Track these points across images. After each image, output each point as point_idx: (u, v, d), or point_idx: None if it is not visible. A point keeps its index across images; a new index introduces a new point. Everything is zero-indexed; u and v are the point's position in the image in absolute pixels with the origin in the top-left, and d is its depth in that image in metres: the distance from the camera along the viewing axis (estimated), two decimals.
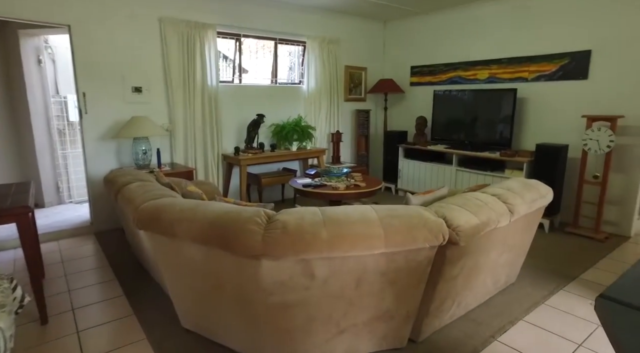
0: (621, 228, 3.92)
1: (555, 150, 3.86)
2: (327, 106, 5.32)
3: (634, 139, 3.72)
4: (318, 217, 1.70)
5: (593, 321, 2.38)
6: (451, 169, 4.74)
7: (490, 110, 4.46)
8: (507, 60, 4.47)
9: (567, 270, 3.08)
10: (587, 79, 3.91)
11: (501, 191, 2.25)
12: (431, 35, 5.28)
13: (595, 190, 3.92)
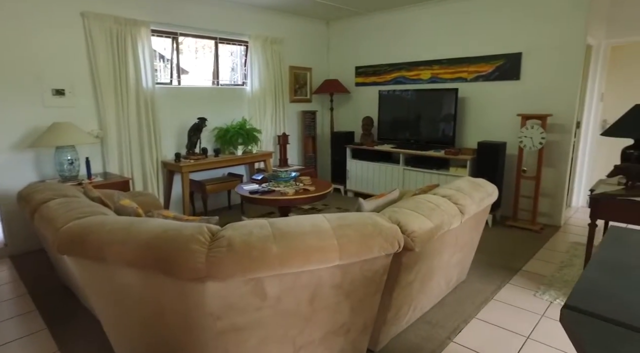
0: (553, 219, 4.18)
1: (494, 148, 4.03)
2: (272, 108, 5.17)
3: (561, 135, 3.97)
4: (267, 230, 1.57)
5: (536, 312, 2.47)
6: (399, 169, 4.80)
7: (434, 109, 4.57)
8: (447, 61, 4.61)
9: (511, 263, 3.20)
10: (520, 80, 4.12)
11: (451, 192, 2.26)
12: (375, 35, 5.32)
13: (531, 184, 4.15)
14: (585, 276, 1.07)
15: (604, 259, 1.19)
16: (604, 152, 4.74)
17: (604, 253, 1.23)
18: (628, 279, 1.06)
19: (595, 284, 1.02)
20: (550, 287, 2.76)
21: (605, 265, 1.15)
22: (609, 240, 1.34)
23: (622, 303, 0.94)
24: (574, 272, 3.01)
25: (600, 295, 0.97)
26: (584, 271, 1.11)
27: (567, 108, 3.89)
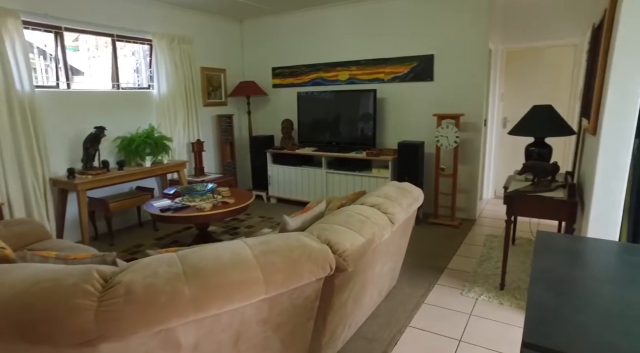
0: (469, 213, 4.41)
1: (414, 147, 4.12)
2: (184, 113, 4.73)
3: (472, 134, 4.19)
4: (177, 267, 1.31)
5: (465, 311, 2.51)
6: (321, 172, 4.70)
7: (354, 110, 4.55)
8: (365, 62, 4.62)
9: (436, 262, 3.26)
10: (433, 81, 4.26)
11: (380, 200, 2.17)
12: (291, 35, 5.16)
13: (448, 181, 4.32)
14: (532, 299, 1.00)
15: (542, 273, 1.14)
16: (506, 147, 5.13)
17: (541, 266, 1.19)
18: (575, 296, 1.02)
19: (545, 308, 0.95)
20: (474, 284, 2.84)
21: (547, 281, 1.09)
22: (540, 250, 1.31)
23: (579, 330, 0.87)
24: (493, 265, 3.15)
25: (555, 322, 0.90)
26: (529, 292, 1.04)
27: (476, 108, 4.11)
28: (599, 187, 2.05)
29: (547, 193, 2.53)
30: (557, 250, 1.31)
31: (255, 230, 4.10)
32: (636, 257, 1.25)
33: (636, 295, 1.01)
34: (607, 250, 1.32)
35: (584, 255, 1.29)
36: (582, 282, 1.09)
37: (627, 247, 1.34)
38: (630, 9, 1.85)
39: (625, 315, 0.92)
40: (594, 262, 1.23)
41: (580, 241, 1.40)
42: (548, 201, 2.45)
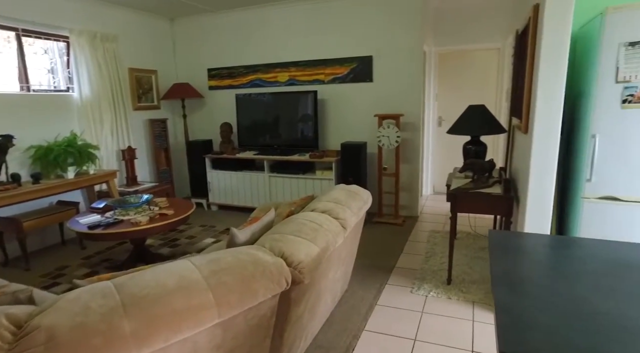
0: (412, 211, 4.54)
1: (356, 148, 4.14)
2: (111, 118, 4.33)
3: (412, 133, 4.32)
4: (113, 299, 1.13)
5: (417, 309, 2.54)
6: (264, 176, 4.57)
7: (295, 112, 4.48)
8: (304, 63, 4.56)
9: (385, 262, 3.29)
10: (373, 82, 4.32)
11: (330, 205, 2.12)
12: (227, 35, 4.95)
13: (391, 180, 4.40)
14: (499, 305, 0.99)
15: (502, 275, 1.15)
16: (441, 144, 5.37)
17: (500, 267, 1.20)
18: (536, 297, 1.03)
19: (512, 314, 0.95)
20: (423, 281, 2.90)
21: (508, 283, 1.10)
22: (495, 249, 1.33)
23: (548, 333, 0.87)
24: (438, 261, 3.24)
25: (524, 327, 0.89)
26: (495, 297, 1.03)
27: (414, 107, 4.23)
28: (533, 182, 2.17)
29: (486, 190, 2.65)
30: (510, 249, 1.34)
31: (197, 241, 3.87)
32: (576, 250, 1.31)
33: (584, 290, 1.05)
34: (551, 245, 1.37)
35: (533, 251, 1.33)
36: (539, 281, 1.11)
37: (567, 241, 1.41)
38: (551, 22, 1.97)
39: (582, 312, 0.94)
40: (543, 259, 1.27)
41: (527, 238, 1.45)
42: (488, 197, 2.56)
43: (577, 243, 1.39)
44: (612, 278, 1.11)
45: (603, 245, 1.34)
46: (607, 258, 1.24)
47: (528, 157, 2.22)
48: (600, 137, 2.09)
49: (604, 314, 0.93)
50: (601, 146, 2.10)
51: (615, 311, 0.94)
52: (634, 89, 2.00)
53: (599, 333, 0.86)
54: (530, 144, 2.18)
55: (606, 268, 1.17)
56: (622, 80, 2.01)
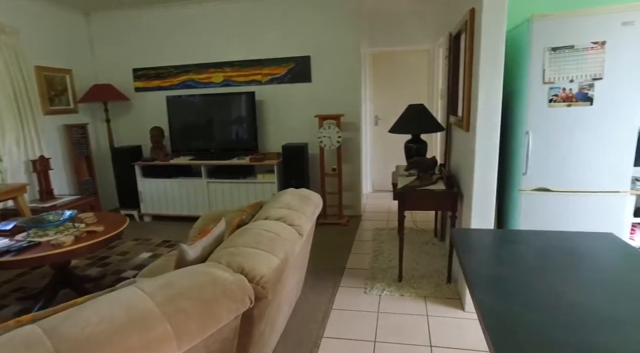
0: (355, 210, 4.58)
1: (298, 150, 4.07)
2: (15, 124, 3.78)
3: (353, 133, 4.35)
4: (43, 348, 0.94)
5: (373, 310, 2.54)
6: (202, 182, 4.31)
7: (232, 114, 4.28)
8: (240, 63, 4.37)
9: (335, 264, 3.26)
10: (312, 82, 4.28)
11: (284, 212, 2.02)
12: (154, 32, 4.58)
13: (334, 181, 4.40)
14: (482, 307, 0.97)
15: (477, 275, 1.15)
16: (379, 143, 5.50)
17: (472, 267, 1.20)
18: (514, 294, 1.03)
19: (500, 316, 0.93)
20: (375, 280, 2.92)
21: (485, 283, 1.10)
22: (462, 248, 1.34)
23: (537, 331, 0.87)
24: (387, 258, 3.29)
25: (514, 328, 0.88)
26: (477, 299, 1.02)
27: (354, 107, 4.27)
28: (478, 177, 2.27)
29: (432, 187, 2.73)
30: (476, 246, 1.35)
31: (131, 257, 3.52)
32: (537, 242, 1.37)
33: (555, 282, 1.08)
34: (513, 240, 1.42)
35: (498, 247, 1.35)
36: (512, 278, 1.12)
37: (526, 234, 1.46)
38: (489, 25, 2.07)
39: (561, 306, 0.96)
40: (509, 254, 1.30)
41: (488, 234, 1.49)
42: (434, 194, 2.64)
43: (537, 236, 1.45)
44: (576, 269, 1.16)
45: (559, 236, 1.42)
46: (565, 249, 1.30)
47: (472, 153, 2.31)
48: (533, 133, 2.24)
49: (581, 305, 0.96)
50: (533, 142, 2.25)
51: (589, 301, 0.97)
52: (558, 89, 2.17)
53: (583, 326, 0.88)
54: (473, 141, 2.27)
55: (568, 259, 1.22)
56: (548, 82, 2.18)
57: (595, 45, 2.09)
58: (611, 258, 1.23)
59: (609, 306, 0.96)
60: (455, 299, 2.62)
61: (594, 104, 2.14)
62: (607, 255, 1.25)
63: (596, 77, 2.11)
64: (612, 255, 1.26)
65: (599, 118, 2.16)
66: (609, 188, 2.23)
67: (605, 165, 2.21)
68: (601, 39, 2.09)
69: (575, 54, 2.11)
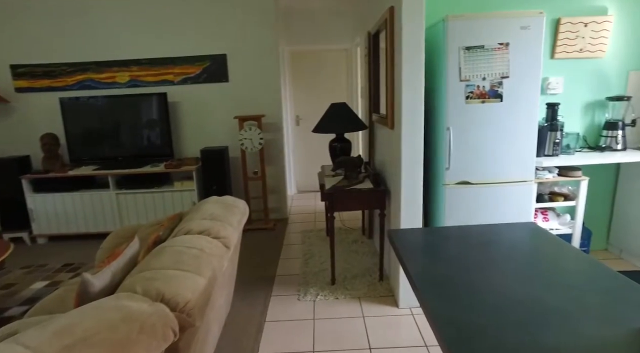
0: (281, 213, 4.45)
1: (218, 153, 3.82)
2: None
3: (275, 134, 4.21)
4: None
5: (308, 317, 2.44)
6: (110, 194, 3.84)
7: (141, 118, 3.88)
8: (148, 62, 3.97)
9: (264, 272, 3.11)
10: (229, 82, 4.05)
11: (207, 224, 1.82)
12: (39, 23, 3.95)
13: (258, 184, 4.22)
14: (435, 315, 0.92)
15: (422, 279, 1.10)
16: (301, 142, 5.44)
17: (416, 269, 1.15)
18: (461, 296, 1.00)
19: (452, 322, 0.88)
20: (307, 285, 2.82)
21: (432, 287, 1.05)
22: (403, 251, 1.29)
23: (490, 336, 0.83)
24: (318, 261, 3.22)
25: (473, 335, 0.83)
26: (428, 306, 0.96)
27: (275, 107, 4.13)
28: (405, 174, 2.29)
29: (360, 186, 2.71)
30: (415, 248, 1.32)
31: (19, 289, 2.98)
32: (470, 237, 1.38)
33: (497, 278, 1.08)
34: (445, 236, 1.41)
35: (436, 246, 1.33)
36: (456, 278, 1.10)
37: (461, 230, 1.47)
38: (408, 23, 2.09)
39: (507, 305, 0.95)
40: (448, 252, 1.28)
41: (423, 232, 1.47)
42: (363, 193, 2.62)
43: (469, 230, 1.46)
44: (511, 262, 1.17)
45: (488, 229, 1.44)
46: (497, 242, 1.32)
47: (398, 151, 2.33)
48: (453, 129, 2.33)
49: (526, 300, 0.95)
50: (454, 137, 2.34)
51: (533, 295, 0.97)
52: (473, 87, 2.28)
53: (533, 323, 0.86)
54: (399, 139, 2.29)
55: (501, 252, 1.24)
56: (464, 79, 2.27)
57: (501, 46, 2.23)
58: (539, 248, 1.27)
59: (551, 298, 0.96)
60: (389, 296, 2.63)
61: (503, 101, 2.29)
62: (536, 245, 1.29)
63: (504, 75, 2.26)
64: (539, 244, 1.30)
65: (508, 113, 2.32)
66: (519, 178, 2.41)
67: (515, 157, 2.38)
68: (505, 41, 2.24)
69: (485, 54, 2.23)
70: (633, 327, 0.84)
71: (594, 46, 2.86)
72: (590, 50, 2.87)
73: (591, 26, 2.83)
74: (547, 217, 2.86)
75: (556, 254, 1.22)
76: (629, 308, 0.91)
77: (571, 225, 2.80)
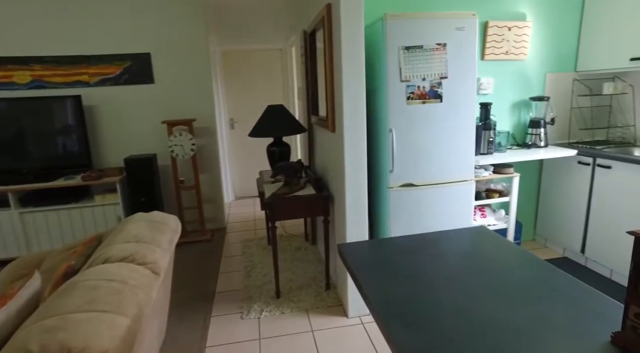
0: (219, 222, 4.18)
1: (145, 162, 3.47)
2: None
3: (208, 139, 3.93)
4: None
5: (253, 337, 2.26)
6: (11, 214, 3.30)
7: (52, 124, 3.39)
8: (52, 60, 3.47)
9: (202, 289, 2.85)
10: (155, 83, 3.69)
11: (131, 248, 1.57)
12: None
13: (192, 193, 3.92)
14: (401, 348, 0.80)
15: (384, 302, 0.99)
16: (237, 147, 5.18)
17: (375, 289, 1.03)
18: (435, 321, 0.90)
19: None
20: (251, 301, 2.63)
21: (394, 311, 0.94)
22: (357, 268, 1.17)
23: None
24: (260, 273, 3.03)
25: None
26: (392, 340, 0.84)
27: (207, 111, 3.86)
28: (349, 178, 2.20)
29: (301, 192, 2.57)
30: (371, 264, 1.21)
31: None
32: (425, 247, 1.30)
33: (461, 296, 1.00)
34: (401, 250, 1.32)
35: (393, 261, 1.23)
36: (420, 300, 1.00)
37: (410, 240, 1.39)
38: (348, 21, 2.00)
39: (478, 328, 0.86)
40: (406, 268, 1.18)
41: (376, 245, 1.37)
42: (306, 199, 2.49)
43: (423, 240, 1.38)
44: (472, 276, 1.10)
45: (439, 237, 1.38)
46: (451, 251, 1.25)
47: (341, 155, 2.23)
48: (396, 130, 2.28)
49: (495, 321, 0.87)
50: (397, 139, 2.29)
51: (501, 315, 0.90)
52: (413, 87, 2.25)
53: (508, 347, 0.78)
54: (341, 142, 2.18)
55: (459, 264, 1.17)
56: (405, 80, 2.24)
57: (439, 46, 2.23)
58: (495, 256, 1.22)
59: (519, 315, 0.90)
60: (337, 306, 2.53)
61: (443, 101, 2.29)
62: (490, 253, 1.25)
63: (443, 75, 2.26)
64: (495, 251, 1.26)
65: (448, 114, 2.32)
66: (460, 177, 2.43)
67: (456, 156, 2.39)
68: (443, 41, 2.23)
69: (424, 54, 2.21)
70: (603, 341, 0.80)
71: (517, 49, 3.01)
72: (514, 53, 3.01)
73: (514, 30, 2.96)
74: (485, 214, 2.94)
75: (513, 262, 1.18)
76: (595, 320, 0.87)
77: (506, 219, 2.91)
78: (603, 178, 2.71)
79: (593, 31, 3.00)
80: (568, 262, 3.05)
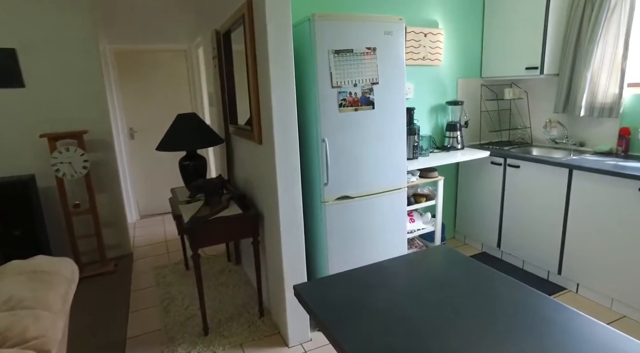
0: (124, 248, 3.61)
1: (19, 186, 2.81)
2: None
3: (105, 153, 3.35)
4: None
5: None
6: None
7: None
8: None
9: (109, 337, 2.37)
10: (26, 88, 3.01)
11: (5, 320, 1.14)
12: None
13: (87, 219, 3.30)
14: None
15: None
16: (139, 160, 4.58)
17: (354, 345, 0.83)
18: None
19: None
20: (174, 343, 2.24)
21: None
22: (323, 315, 0.96)
23: None
24: (181, 305, 2.63)
25: None
26: None
27: (101, 120, 3.27)
28: (282, 193, 1.97)
29: (226, 212, 2.27)
30: (340, 309, 1.00)
31: None
32: (394, 279, 1.14)
33: (456, 342, 0.85)
34: (367, 284, 1.15)
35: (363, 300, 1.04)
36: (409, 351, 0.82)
37: (374, 270, 1.23)
38: (273, 20, 1.77)
39: None
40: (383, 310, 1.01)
41: (337, 281, 1.17)
42: (232, 220, 2.19)
43: (388, 269, 1.22)
44: (457, 313, 0.97)
45: (405, 264, 1.24)
46: (424, 281, 1.12)
47: (271, 169, 1.99)
48: (328, 140, 2.12)
49: None
50: (330, 149, 2.13)
51: None
52: (345, 94, 2.11)
53: None
54: (272, 155, 1.95)
55: (438, 299, 1.03)
56: (336, 86, 2.08)
57: (369, 50, 2.12)
58: (469, 279, 1.11)
59: None
60: (275, 335, 2.28)
61: (375, 108, 2.19)
62: (462, 276, 1.14)
63: (374, 81, 2.15)
64: (465, 274, 1.15)
65: (380, 121, 2.23)
66: (394, 185, 2.36)
67: (389, 165, 2.31)
68: (372, 46, 2.13)
69: (355, 59, 2.08)
70: None
71: (433, 55, 3.08)
72: (430, 58, 3.07)
73: (429, 37, 3.02)
74: (413, 218, 2.95)
75: (490, 286, 1.08)
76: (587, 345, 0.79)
77: (433, 222, 2.96)
78: (513, 177, 2.89)
79: (493, 41, 3.20)
80: (486, 257, 3.21)
